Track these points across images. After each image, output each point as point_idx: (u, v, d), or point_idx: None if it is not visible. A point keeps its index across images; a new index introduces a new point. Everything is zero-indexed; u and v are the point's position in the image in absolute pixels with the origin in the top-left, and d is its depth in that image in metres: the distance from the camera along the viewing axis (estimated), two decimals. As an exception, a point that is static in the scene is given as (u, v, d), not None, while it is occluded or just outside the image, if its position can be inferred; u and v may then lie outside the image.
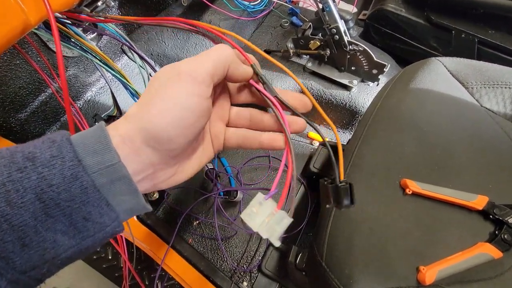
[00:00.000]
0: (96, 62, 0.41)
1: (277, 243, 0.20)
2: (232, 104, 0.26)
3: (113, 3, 0.35)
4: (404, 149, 0.41)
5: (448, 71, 0.49)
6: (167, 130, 0.18)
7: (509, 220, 0.34)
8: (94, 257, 0.78)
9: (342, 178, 0.22)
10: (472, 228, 0.35)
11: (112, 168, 0.17)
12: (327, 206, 0.23)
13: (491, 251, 0.33)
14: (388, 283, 0.32)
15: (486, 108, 0.45)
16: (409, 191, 0.36)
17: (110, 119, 0.66)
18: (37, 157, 0.16)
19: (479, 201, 0.35)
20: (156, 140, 0.18)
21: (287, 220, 0.20)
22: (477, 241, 0.34)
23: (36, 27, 0.28)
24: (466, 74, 0.47)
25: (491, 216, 0.35)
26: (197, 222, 0.69)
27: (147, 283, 0.73)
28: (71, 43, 0.43)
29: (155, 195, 0.75)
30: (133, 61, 0.77)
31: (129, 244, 0.66)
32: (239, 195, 0.67)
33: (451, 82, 0.47)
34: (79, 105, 0.67)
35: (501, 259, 0.33)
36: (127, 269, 0.64)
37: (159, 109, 0.18)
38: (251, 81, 0.23)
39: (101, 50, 0.68)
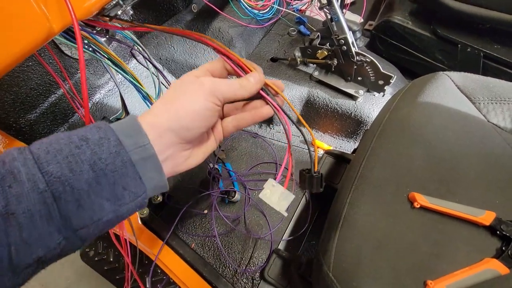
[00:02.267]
0: (107, 64, 0.41)
1: (286, 214, 0.29)
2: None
3: (131, 12, 0.36)
4: (413, 162, 0.41)
5: (456, 85, 0.49)
6: (187, 122, 0.24)
7: (516, 237, 0.35)
8: (96, 258, 0.78)
9: (316, 169, 0.32)
10: (479, 243, 0.35)
11: (143, 148, 0.22)
12: (305, 190, 0.29)
13: (498, 267, 0.33)
14: (396, 296, 0.32)
15: (493, 123, 0.46)
16: (417, 204, 0.37)
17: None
18: (89, 138, 0.20)
19: (487, 217, 0.36)
20: (180, 127, 0.23)
21: (291, 196, 0.29)
22: (484, 256, 0.34)
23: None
24: (474, 89, 0.48)
25: (498, 232, 0.35)
26: (200, 218, 0.69)
27: (148, 286, 0.73)
28: (84, 46, 0.44)
29: (158, 199, 0.76)
30: (143, 65, 0.78)
31: (132, 247, 0.66)
32: (237, 196, 0.69)
33: (459, 97, 0.48)
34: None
35: (508, 275, 0.33)
36: (130, 271, 0.64)
37: (184, 107, 0.24)
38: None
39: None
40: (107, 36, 0.61)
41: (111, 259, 0.76)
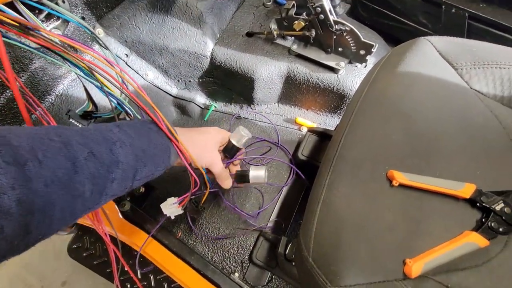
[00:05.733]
0: (51, 59, 0.37)
1: (173, 217, 0.50)
2: None
3: None
4: (391, 138, 0.39)
5: (437, 51, 0.46)
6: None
7: (496, 208, 0.34)
8: (84, 254, 0.77)
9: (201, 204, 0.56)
10: (459, 217, 0.34)
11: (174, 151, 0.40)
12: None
13: (477, 240, 0.32)
14: (375, 277, 0.31)
15: (476, 90, 0.43)
16: (395, 182, 0.35)
17: (86, 114, 0.62)
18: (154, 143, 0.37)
19: (466, 190, 0.34)
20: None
21: (179, 212, 0.50)
22: (463, 230, 0.34)
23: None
24: (456, 54, 0.45)
25: (478, 204, 0.34)
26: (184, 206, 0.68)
27: (139, 277, 0.73)
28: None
29: (141, 190, 0.74)
30: (106, 48, 0.71)
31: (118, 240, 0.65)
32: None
33: (440, 64, 0.45)
34: (51, 99, 0.62)
35: (488, 247, 0.32)
36: (116, 266, 0.63)
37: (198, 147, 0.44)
38: None
39: (69, 38, 0.62)
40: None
41: (99, 254, 0.75)
